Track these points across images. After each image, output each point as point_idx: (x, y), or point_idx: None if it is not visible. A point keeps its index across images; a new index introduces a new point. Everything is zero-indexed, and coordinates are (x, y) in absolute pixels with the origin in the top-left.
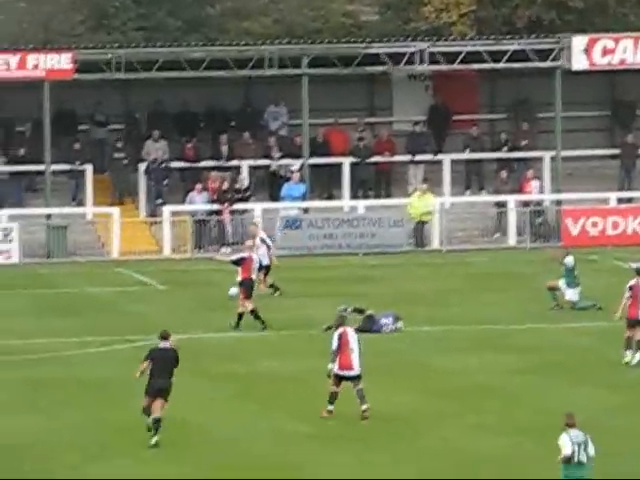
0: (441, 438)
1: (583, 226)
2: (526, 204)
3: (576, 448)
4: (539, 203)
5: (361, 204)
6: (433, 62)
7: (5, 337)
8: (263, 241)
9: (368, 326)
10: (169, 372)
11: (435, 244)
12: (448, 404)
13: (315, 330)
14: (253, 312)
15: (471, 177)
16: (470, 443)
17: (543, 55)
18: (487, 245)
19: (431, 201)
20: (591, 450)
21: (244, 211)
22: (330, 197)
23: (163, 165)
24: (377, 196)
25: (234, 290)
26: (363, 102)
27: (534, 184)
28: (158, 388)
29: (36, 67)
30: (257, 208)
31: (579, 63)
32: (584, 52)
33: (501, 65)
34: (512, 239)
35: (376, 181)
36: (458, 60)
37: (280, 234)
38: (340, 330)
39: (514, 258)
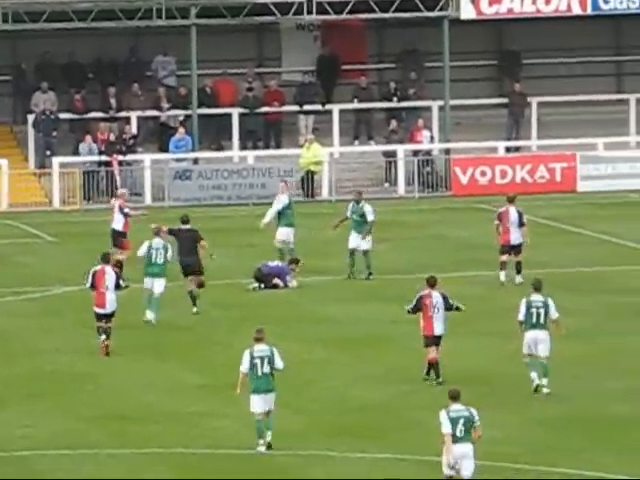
0: (328, 388)
1: (472, 175)
2: (415, 154)
3: (258, 362)
4: (428, 152)
5: (250, 155)
6: (321, 12)
7: None
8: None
9: (263, 277)
10: (194, 250)
11: (324, 194)
12: (336, 354)
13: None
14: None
15: (360, 127)
16: (356, 392)
17: (431, 5)
18: (376, 195)
19: (319, 151)
20: (279, 363)
21: (133, 162)
22: (219, 148)
23: (52, 117)
24: (266, 147)
25: None
26: (252, 53)
27: (425, 133)
28: (186, 265)
29: None
30: (146, 159)
31: (467, 12)
32: (471, 2)
33: (389, 15)
34: (401, 188)
35: (265, 132)
36: (346, 10)
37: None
38: (96, 268)
39: (403, 208)
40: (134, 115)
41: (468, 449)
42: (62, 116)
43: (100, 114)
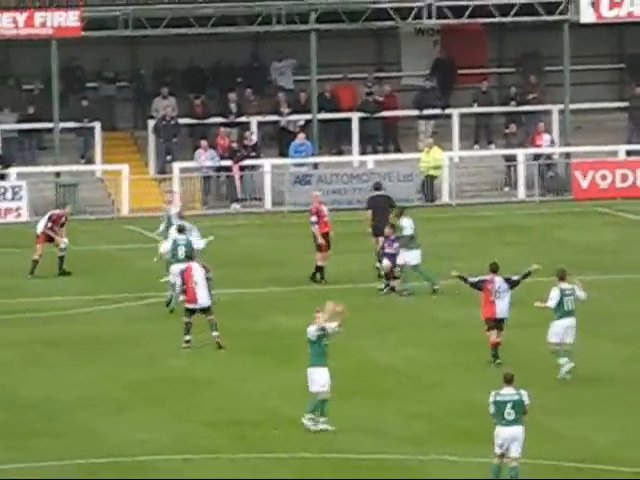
0: (448, 392)
1: (593, 179)
2: (536, 157)
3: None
4: (549, 156)
5: (370, 159)
6: (441, 16)
7: (16, 295)
8: None
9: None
10: (386, 214)
11: (445, 198)
12: (456, 358)
13: (322, 285)
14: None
15: (480, 131)
16: (477, 396)
17: (551, 8)
18: (497, 199)
19: (439, 155)
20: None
21: (253, 167)
22: (339, 152)
23: (172, 122)
24: (386, 151)
25: None
26: (371, 57)
27: (545, 137)
28: (378, 228)
29: (44, 25)
30: (266, 164)
31: (587, 16)
32: (591, 5)
33: (509, 19)
34: (521, 192)
35: (384, 136)
36: (466, 14)
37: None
38: (183, 266)
39: (523, 212)
40: (254, 120)
41: (518, 431)
42: (181, 121)
43: (220, 119)
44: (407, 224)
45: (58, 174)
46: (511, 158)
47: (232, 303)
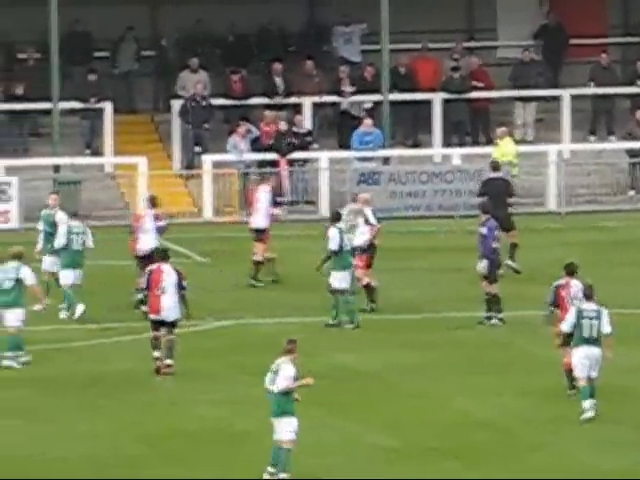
0: (559, 453)
1: None
2: None
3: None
4: None
5: (456, 153)
6: None
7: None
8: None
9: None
10: (503, 203)
11: (551, 205)
12: (569, 410)
13: (401, 315)
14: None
15: (599, 119)
16: (594, 459)
17: None
18: (618, 206)
19: (509, 149)
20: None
21: (305, 161)
22: (416, 144)
23: (203, 103)
24: (475, 142)
25: None
26: (460, 22)
27: None
28: (497, 218)
29: None
30: (323, 158)
31: None
32: None
33: None
34: None
35: (473, 123)
36: None
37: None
38: (153, 266)
39: None
40: (308, 101)
41: None
42: (215, 102)
43: (264, 100)
44: (334, 235)
45: (57, 168)
46: (637, 153)
47: (278, 336)
